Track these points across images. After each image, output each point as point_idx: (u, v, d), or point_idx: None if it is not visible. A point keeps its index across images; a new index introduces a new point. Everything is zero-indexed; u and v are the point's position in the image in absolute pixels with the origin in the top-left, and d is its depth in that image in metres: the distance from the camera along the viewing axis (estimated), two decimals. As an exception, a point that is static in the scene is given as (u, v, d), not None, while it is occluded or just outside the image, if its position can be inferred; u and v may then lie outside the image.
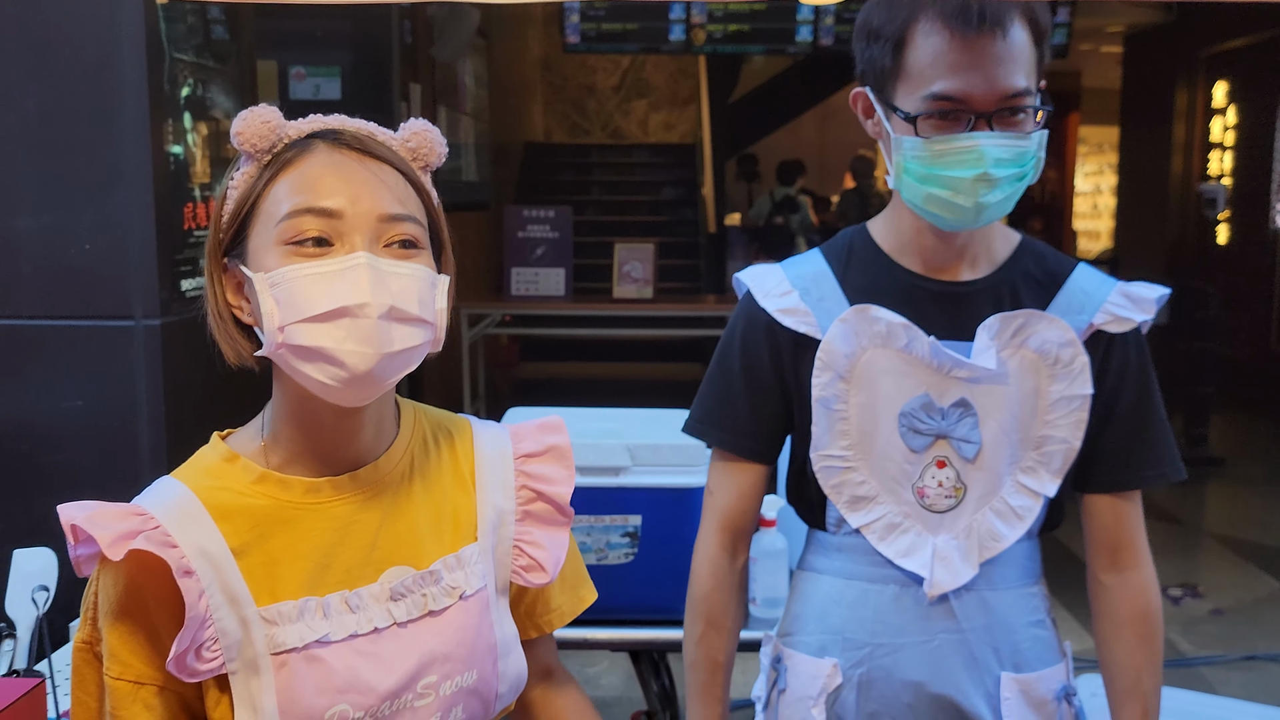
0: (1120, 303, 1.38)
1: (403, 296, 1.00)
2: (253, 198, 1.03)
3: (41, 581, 1.67)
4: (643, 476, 2.08)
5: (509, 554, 1.15)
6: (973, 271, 1.40)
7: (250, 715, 0.99)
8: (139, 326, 2.26)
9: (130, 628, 0.99)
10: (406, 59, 5.46)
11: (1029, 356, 1.36)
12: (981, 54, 1.25)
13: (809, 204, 9.53)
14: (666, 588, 2.13)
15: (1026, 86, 1.28)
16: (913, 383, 1.36)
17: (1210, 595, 4.60)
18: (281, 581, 1.02)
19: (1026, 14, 1.28)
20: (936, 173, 1.29)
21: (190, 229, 2.42)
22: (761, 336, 1.43)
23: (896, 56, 1.30)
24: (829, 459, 1.39)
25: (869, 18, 1.33)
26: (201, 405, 2.41)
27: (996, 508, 1.38)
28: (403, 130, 1.09)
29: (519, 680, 1.15)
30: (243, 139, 1.03)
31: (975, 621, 1.38)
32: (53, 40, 2.22)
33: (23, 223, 2.25)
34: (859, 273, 1.42)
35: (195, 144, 2.46)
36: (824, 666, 1.42)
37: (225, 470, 1.05)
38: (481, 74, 7.98)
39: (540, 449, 1.18)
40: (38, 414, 2.26)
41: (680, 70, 11.77)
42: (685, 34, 7.70)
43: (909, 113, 1.29)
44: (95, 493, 2.25)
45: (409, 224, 1.03)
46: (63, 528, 0.99)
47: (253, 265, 1.02)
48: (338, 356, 0.97)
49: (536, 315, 6.68)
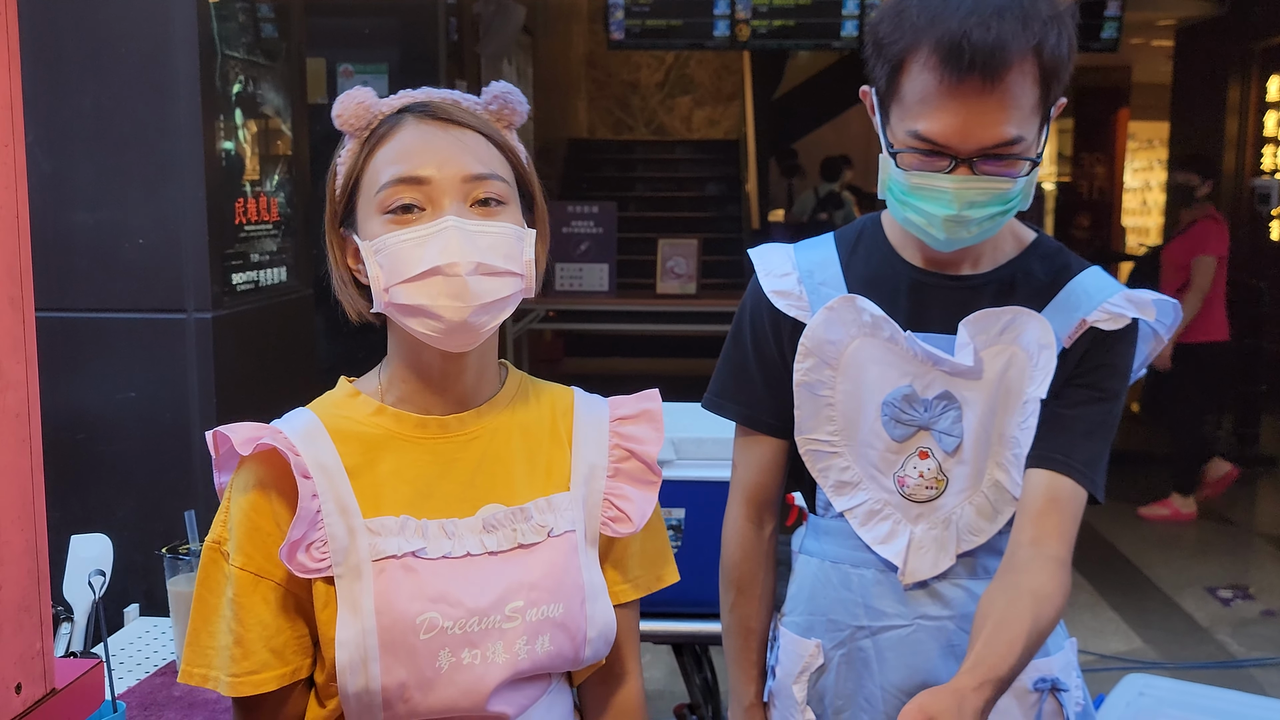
0: (1119, 303, 1.35)
1: (490, 253, 1.10)
2: (355, 172, 1.14)
3: (98, 566, 1.71)
4: (687, 470, 2.09)
5: (599, 505, 1.21)
6: (974, 267, 1.39)
7: (351, 614, 1.08)
8: (191, 320, 2.30)
9: (256, 523, 1.10)
10: (452, 56, 5.51)
11: (1018, 355, 1.34)
12: (968, 102, 1.20)
13: (853, 201, 9.48)
14: (710, 581, 2.13)
15: (1015, 136, 1.22)
16: (897, 373, 1.36)
17: (1261, 596, 4.54)
18: (386, 500, 1.12)
19: (1036, 51, 1.21)
20: (912, 202, 1.28)
21: (241, 224, 2.46)
22: (765, 315, 1.44)
23: (891, 81, 1.27)
24: (815, 443, 1.41)
25: (878, 25, 1.29)
26: (252, 397, 2.45)
27: (976, 502, 1.37)
28: (485, 94, 1.18)
29: (608, 628, 1.19)
30: (342, 120, 1.13)
31: (955, 609, 1.38)
32: (108, 38, 2.26)
33: (78, 217, 2.30)
34: (863, 261, 1.42)
35: (246, 140, 2.50)
36: (808, 646, 1.44)
37: (348, 403, 1.17)
38: (526, 70, 8.02)
39: (635, 412, 1.26)
40: (93, 405, 2.31)
41: (724, 66, 11.75)
42: (730, 30, 7.68)
43: (891, 145, 1.29)
44: (149, 482, 2.31)
45: (494, 182, 1.12)
46: (207, 445, 1.13)
47: (361, 233, 1.13)
48: (435, 311, 1.08)
49: (580, 311, 6.70)
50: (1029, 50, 1.20)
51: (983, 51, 1.18)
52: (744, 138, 10.38)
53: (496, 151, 1.15)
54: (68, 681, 0.92)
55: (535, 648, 1.14)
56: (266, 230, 2.58)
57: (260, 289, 2.55)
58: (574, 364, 8.81)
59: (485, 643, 1.11)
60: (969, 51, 1.18)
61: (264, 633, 1.10)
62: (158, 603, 1.78)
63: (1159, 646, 4.03)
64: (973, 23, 1.18)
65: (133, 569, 2.13)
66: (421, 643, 1.08)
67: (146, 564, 2.19)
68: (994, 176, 1.24)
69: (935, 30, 1.20)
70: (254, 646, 1.10)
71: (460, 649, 1.10)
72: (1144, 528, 5.19)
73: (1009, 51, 1.18)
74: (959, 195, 1.24)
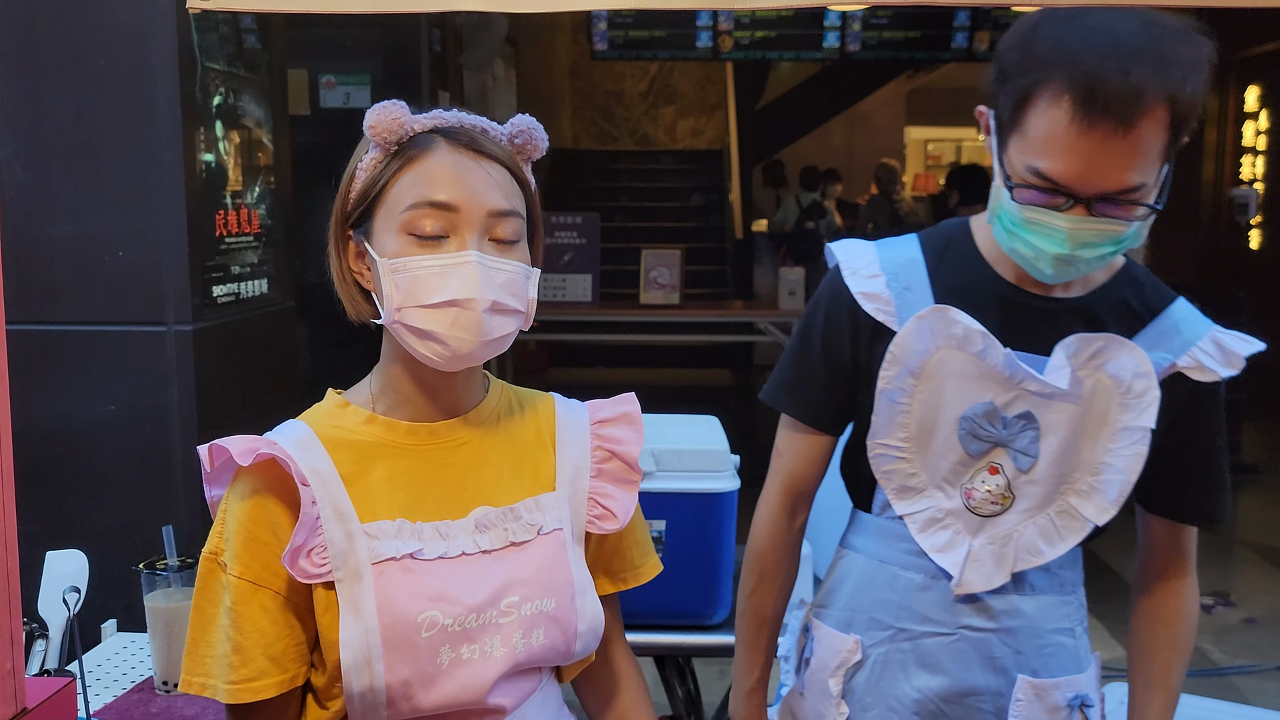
0: (1210, 351, 1.36)
1: (503, 291, 1.14)
2: (380, 184, 1.16)
3: (73, 583, 1.70)
4: (667, 482, 2.09)
5: (584, 504, 1.26)
6: (1065, 290, 1.38)
7: (354, 616, 1.11)
8: (171, 332, 2.29)
9: (254, 532, 1.13)
10: (435, 67, 5.49)
11: (1104, 381, 1.34)
12: (1096, 147, 1.18)
13: (833, 208, 9.52)
14: (691, 593, 2.13)
15: (1140, 184, 1.21)
16: (979, 388, 1.36)
17: (1243, 604, 4.55)
18: (381, 505, 1.16)
19: (1171, 99, 1.18)
20: (1022, 235, 1.27)
21: (221, 236, 2.45)
22: (845, 313, 1.42)
23: (1016, 112, 1.24)
24: (884, 447, 1.41)
25: (1006, 50, 1.26)
26: (233, 410, 2.44)
27: (1040, 524, 1.38)
28: (510, 125, 1.21)
29: (596, 622, 1.23)
30: (375, 131, 1.15)
31: (1000, 623, 1.40)
32: (88, 50, 2.25)
33: (58, 230, 2.28)
34: (951, 269, 1.40)
35: (227, 152, 2.49)
36: (846, 641, 1.46)
37: (338, 413, 1.21)
38: (510, 81, 8.02)
39: (614, 415, 1.30)
40: (72, 418, 2.29)
41: (708, 77, 11.77)
42: (713, 40, 7.71)
43: (1009, 177, 1.27)
44: (129, 496, 2.29)
45: (514, 219, 1.17)
46: (200, 458, 1.15)
47: (375, 244, 1.16)
48: (445, 340, 1.13)
49: (564, 321, 6.70)
50: (1165, 98, 1.17)
51: (1118, 98, 1.15)
52: (727, 148, 10.40)
53: (517, 186, 1.19)
54: (39, 701, 0.91)
55: (531, 641, 1.18)
56: (248, 242, 2.58)
57: (241, 301, 2.54)
58: (558, 374, 8.80)
59: (483, 638, 1.15)
60: (1104, 97, 1.15)
61: (262, 640, 1.12)
62: (137, 618, 1.77)
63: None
64: (1111, 66, 1.15)
65: (112, 584, 2.11)
66: (423, 640, 1.12)
67: (126, 579, 2.17)
68: (1111, 219, 1.23)
69: (1071, 69, 1.17)
70: (252, 654, 1.12)
71: (460, 645, 1.14)
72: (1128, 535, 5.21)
73: (1145, 100, 1.16)
74: (1073, 236, 1.23)
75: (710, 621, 2.17)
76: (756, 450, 2.15)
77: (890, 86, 10.71)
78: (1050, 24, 1.23)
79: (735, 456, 2.19)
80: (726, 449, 2.17)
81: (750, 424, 8.27)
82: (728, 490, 2.12)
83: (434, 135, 1.16)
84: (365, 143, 1.19)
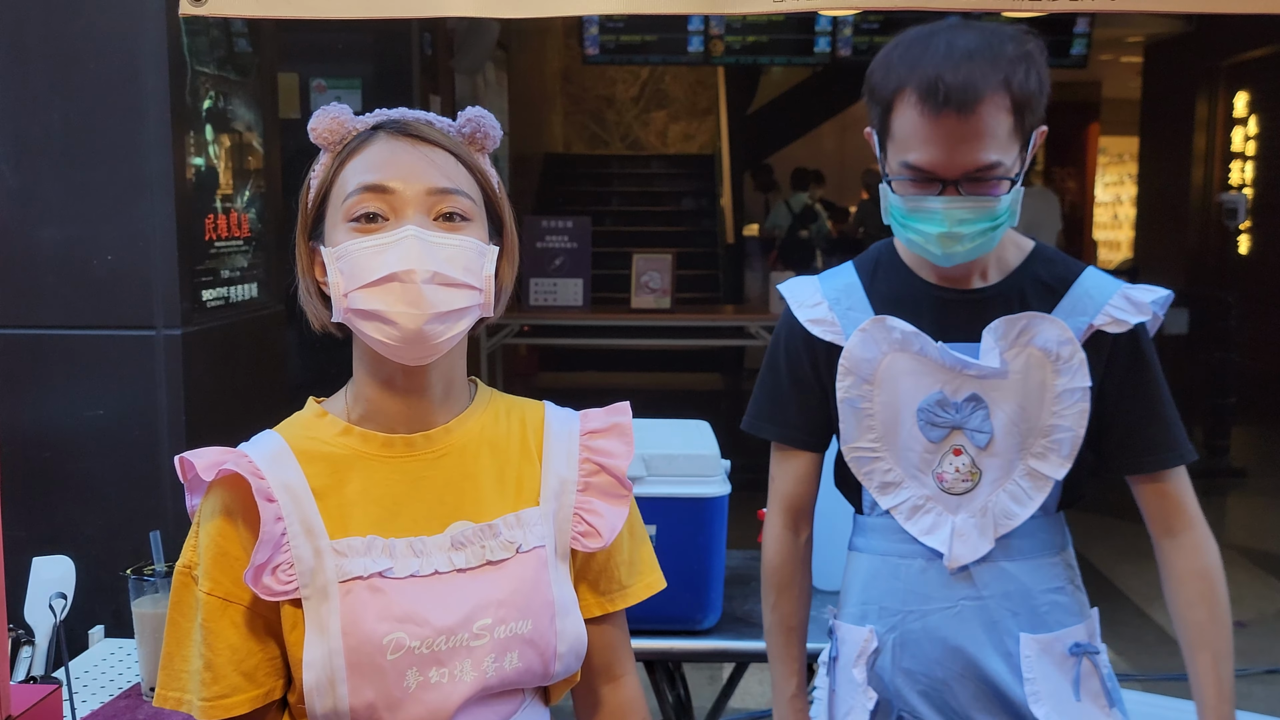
0: (1120, 304, 1.51)
1: (448, 265, 1.11)
2: (326, 184, 1.16)
3: (60, 589, 1.69)
4: (658, 486, 2.09)
5: (569, 520, 1.22)
6: (984, 279, 1.54)
7: (318, 636, 1.09)
8: (160, 336, 2.28)
9: (223, 548, 1.11)
10: (426, 71, 5.49)
11: (1035, 354, 1.50)
12: (947, 132, 1.38)
13: (824, 213, 9.53)
14: (682, 598, 2.13)
15: (994, 160, 1.39)
16: (928, 381, 1.52)
17: (1231, 608, 4.57)
18: (353, 521, 1.13)
19: (1005, 85, 1.38)
20: (910, 224, 1.45)
21: (211, 240, 2.45)
22: (800, 342, 1.59)
23: (884, 119, 1.45)
24: (859, 450, 1.56)
25: (873, 72, 1.46)
26: (222, 414, 2.44)
27: (1009, 489, 1.53)
28: (460, 117, 1.21)
29: (578, 643, 1.20)
30: (316, 134, 1.16)
31: (994, 589, 1.53)
32: (77, 54, 2.25)
33: (47, 233, 2.27)
34: (884, 283, 1.58)
35: (217, 156, 2.49)
36: (863, 633, 1.58)
37: (315, 423, 1.18)
38: (501, 86, 8.02)
39: (605, 426, 1.26)
40: (60, 423, 2.28)
41: (699, 81, 11.79)
42: (704, 45, 7.72)
43: (888, 175, 1.46)
44: (117, 501, 2.28)
45: (458, 197, 1.14)
46: (176, 470, 1.13)
47: (328, 243, 1.15)
48: (390, 317, 1.10)
49: (555, 325, 6.69)
50: (999, 85, 1.38)
51: (955, 89, 1.36)
52: (719, 152, 10.41)
53: (465, 171, 1.17)
54: (24, 708, 0.90)
55: (504, 664, 1.14)
56: (237, 246, 2.57)
57: (231, 305, 2.53)
58: (549, 379, 8.79)
59: (453, 661, 1.11)
60: (943, 90, 1.36)
61: (234, 656, 1.11)
62: (125, 623, 1.76)
63: (1130, 658, 4.05)
64: (946, 66, 1.37)
65: (100, 589, 2.11)
66: (389, 663, 1.09)
67: (114, 584, 2.16)
68: (979, 196, 1.41)
69: (915, 75, 1.39)
70: (224, 670, 1.10)
71: (428, 668, 1.10)
72: (1116, 539, 5.23)
73: (979, 88, 1.36)
74: (949, 214, 1.41)
75: (701, 626, 2.17)
76: (747, 455, 2.15)
77: (881, 91, 10.72)
78: (903, 45, 1.44)
79: (726, 461, 2.19)
80: (717, 454, 2.17)
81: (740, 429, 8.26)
82: (718, 495, 2.12)
83: (374, 130, 1.17)
84: (318, 154, 1.19)
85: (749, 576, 2.42)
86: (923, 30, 1.45)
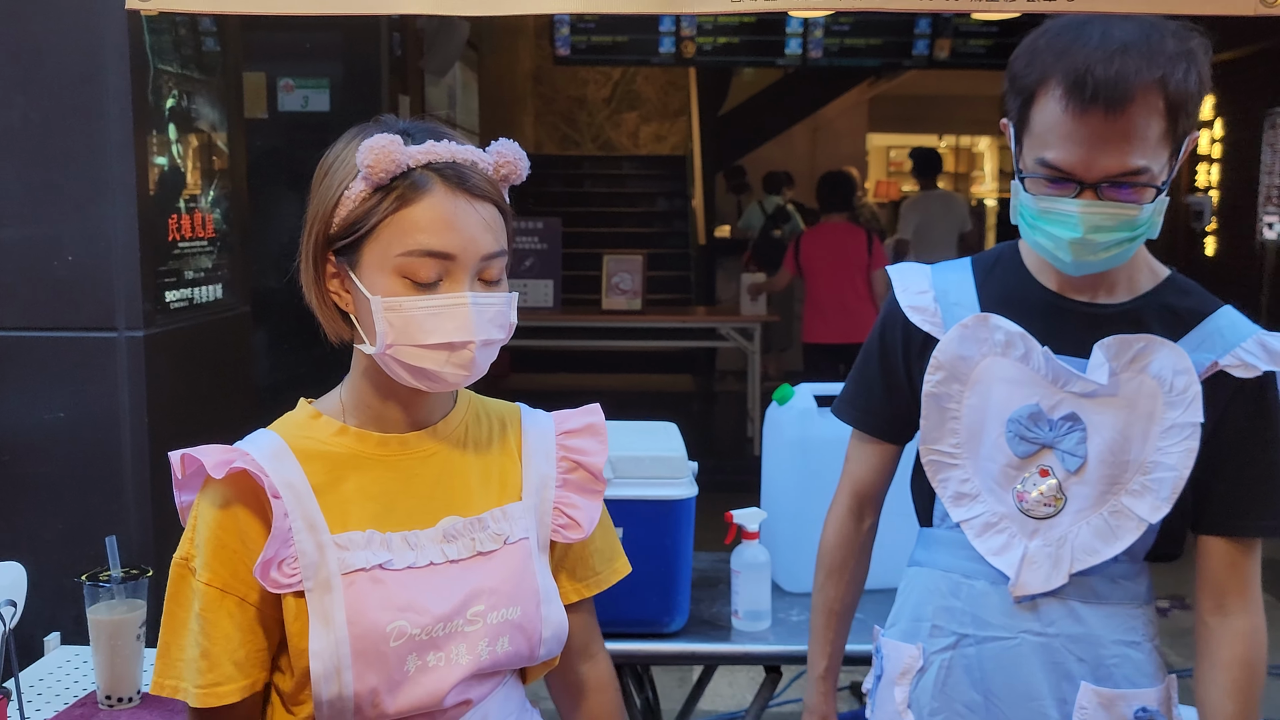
0: (1252, 349, 1.39)
1: (492, 325, 1.19)
2: (373, 221, 1.15)
3: (9, 596, 1.66)
4: (625, 489, 2.08)
5: (550, 514, 1.30)
6: (1110, 296, 1.44)
7: (324, 626, 1.14)
8: (122, 338, 2.25)
9: (224, 540, 1.16)
10: (396, 71, 5.46)
11: (1147, 382, 1.38)
12: (1092, 130, 1.27)
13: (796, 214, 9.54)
14: (650, 600, 2.12)
15: (1141, 165, 1.29)
16: (1025, 392, 1.42)
17: (1197, 607, 4.60)
18: (352, 516, 1.19)
19: (1160, 84, 1.27)
20: (1041, 225, 1.36)
21: (175, 240, 2.42)
22: (898, 328, 1.53)
23: (1024, 111, 1.35)
24: (937, 453, 1.48)
25: (1016, 60, 1.37)
26: (184, 417, 2.41)
27: (1094, 524, 1.41)
28: (492, 152, 1.21)
29: (560, 629, 1.27)
30: (372, 171, 1.13)
31: (1060, 628, 1.42)
32: (37, 52, 2.21)
33: (6, 234, 2.24)
34: (999, 282, 1.49)
35: (181, 155, 2.46)
36: (910, 650, 1.51)
37: (310, 424, 1.23)
38: (471, 86, 7.99)
39: (580, 426, 1.34)
40: (18, 425, 2.25)
41: (670, 82, 11.79)
42: (675, 46, 7.72)
43: (1021, 171, 1.37)
44: (76, 505, 2.25)
45: (502, 259, 1.20)
46: (172, 465, 1.18)
47: (364, 277, 1.17)
48: (439, 375, 1.18)
49: (525, 326, 6.66)
50: (1153, 84, 1.27)
51: (1105, 85, 1.25)
52: (690, 154, 10.42)
53: (503, 222, 1.21)
54: (-28, 719, 0.89)
55: (495, 648, 1.22)
56: (202, 246, 2.54)
57: (195, 306, 2.50)
58: (520, 380, 8.76)
59: (449, 645, 1.19)
60: (1092, 84, 1.26)
61: (228, 646, 1.16)
62: (84, 630, 1.73)
63: None
64: (1097, 58, 1.26)
65: (60, 595, 2.07)
66: (391, 650, 1.15)
67: (74, 590, 2.13)
68: (1119, 203, 1.31)
69: (1062, 65, 1.29)
70: (219, 659, 1.15)
71: (427, 653, 1.17)
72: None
73: (1131, 85, 1.26)
74: (1085, 219, 1.31)
75: (668, 629, 2.16)
76: (715, 457, 2.15)
77: (852, 93, 10.76)
78: (1051, 32, 1.33)
79: (693, 463, 2.18)
80: (684, 456, 2.16)
81: (710, 430, 8.28)
82: (685, 497, 2.11)
83: (429, 174, 1.15)
84: (345, 164, 1.17)
85: (716, 579, 2.42)
86: (1075, 18, 1.34)
